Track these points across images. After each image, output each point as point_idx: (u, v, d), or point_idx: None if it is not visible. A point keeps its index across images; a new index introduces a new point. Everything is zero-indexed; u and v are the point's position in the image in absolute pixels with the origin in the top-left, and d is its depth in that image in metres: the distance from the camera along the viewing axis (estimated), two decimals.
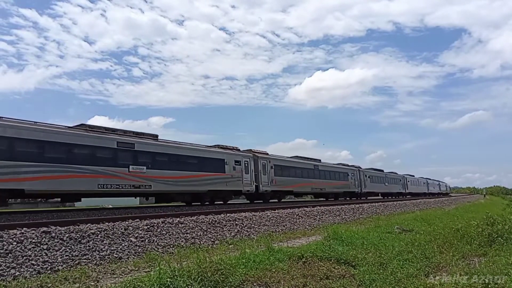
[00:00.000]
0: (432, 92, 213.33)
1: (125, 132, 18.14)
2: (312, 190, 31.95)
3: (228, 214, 12.24)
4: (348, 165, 40.86)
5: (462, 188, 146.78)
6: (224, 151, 23.29)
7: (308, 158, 33.37)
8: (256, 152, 26.32)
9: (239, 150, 25.11)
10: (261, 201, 25.50)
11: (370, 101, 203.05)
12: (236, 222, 11.37)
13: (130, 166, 16.89)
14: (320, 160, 34.77)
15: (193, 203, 20.88)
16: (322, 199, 34.43)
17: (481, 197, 74.64)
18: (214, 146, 24.01)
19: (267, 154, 27.52)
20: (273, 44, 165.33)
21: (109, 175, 16.01)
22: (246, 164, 24.08)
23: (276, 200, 27.15)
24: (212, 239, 9.47)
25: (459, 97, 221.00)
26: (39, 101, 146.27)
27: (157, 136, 19.69)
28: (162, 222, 9.56)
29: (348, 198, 36.30)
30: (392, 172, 53.56)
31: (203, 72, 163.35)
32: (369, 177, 42.84)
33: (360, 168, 42.55)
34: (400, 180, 53.76)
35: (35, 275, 5.82)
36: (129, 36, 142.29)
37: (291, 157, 30.96)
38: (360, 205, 21.65)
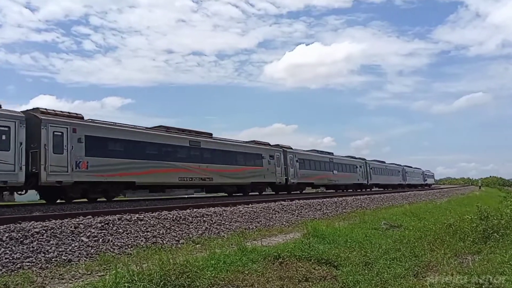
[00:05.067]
0: (424, 71, 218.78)
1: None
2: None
3: (194, 210, 12.27)
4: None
5: (455, 179, 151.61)
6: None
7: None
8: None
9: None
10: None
11: (356, 81, 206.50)
12: (204, 219, 11.42)
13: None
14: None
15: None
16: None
17: (476, 188, 77.41)
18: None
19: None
20: (247, 15, 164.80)
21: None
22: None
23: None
24: (177, 238, 9.49)
25: (453, 78, 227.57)
26: None
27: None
28: (119, 219, 9.50)
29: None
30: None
31: (166, 46, 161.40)
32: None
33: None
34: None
35: None
36: (79, 3, 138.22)
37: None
38: (344, 198, 22.09)
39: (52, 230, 7.94)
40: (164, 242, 9.03)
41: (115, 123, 20.87)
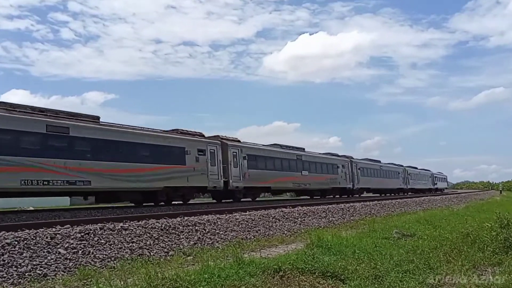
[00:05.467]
0: (439, 64, 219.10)
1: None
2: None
3: (185, 218, 12.23)
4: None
5: (474, 183, 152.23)
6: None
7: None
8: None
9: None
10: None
11: (365, 75, 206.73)
12: (196, 228, 11.39)
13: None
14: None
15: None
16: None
17: (497, 193, 77.66)
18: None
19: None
20: (244, 1, 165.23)
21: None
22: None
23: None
24: (166, 249, 9.46)
25: (472, 71, 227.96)
26: None
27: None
28: (100, 229, 9.46)
29: (338, 196, 38.73)
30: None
31: (153, 35, 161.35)
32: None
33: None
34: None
35: None
36: None
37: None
38: (352, 204, 22.11)
39: (25, 241, 7.87)
40: (152, 254, 8.98)
41: None
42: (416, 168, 65.77)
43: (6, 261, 7.12)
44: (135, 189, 21.82)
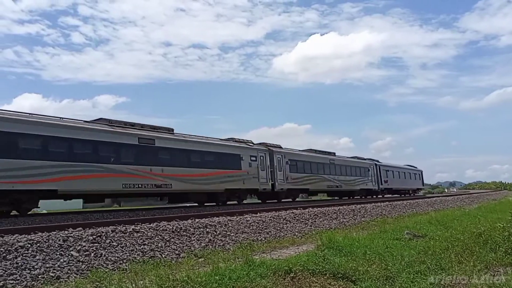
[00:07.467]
0: (450, 64, 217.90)
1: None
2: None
3: (197, 220, 12.27)
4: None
5: (486, 183, 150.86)
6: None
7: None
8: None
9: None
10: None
11: (375, 75, 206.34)
12: (208, 230, 11.42)
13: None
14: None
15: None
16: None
17: (510, 193, 76.85)
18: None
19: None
20: (253, 3, 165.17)
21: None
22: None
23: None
24: (177, 251, 9.50)
25: (483, 71, 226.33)
26: None
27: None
28: (112, 231, 9.51)
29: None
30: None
31: (163, 38, 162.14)
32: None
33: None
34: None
35: None
36: None
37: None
38: (363, 205, 22.02)
39: (38, 244, 7.94)
40: (163, 256, 9.03)
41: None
42: (331, 154, 40.22)
43: (20, 263, 7.19)
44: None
